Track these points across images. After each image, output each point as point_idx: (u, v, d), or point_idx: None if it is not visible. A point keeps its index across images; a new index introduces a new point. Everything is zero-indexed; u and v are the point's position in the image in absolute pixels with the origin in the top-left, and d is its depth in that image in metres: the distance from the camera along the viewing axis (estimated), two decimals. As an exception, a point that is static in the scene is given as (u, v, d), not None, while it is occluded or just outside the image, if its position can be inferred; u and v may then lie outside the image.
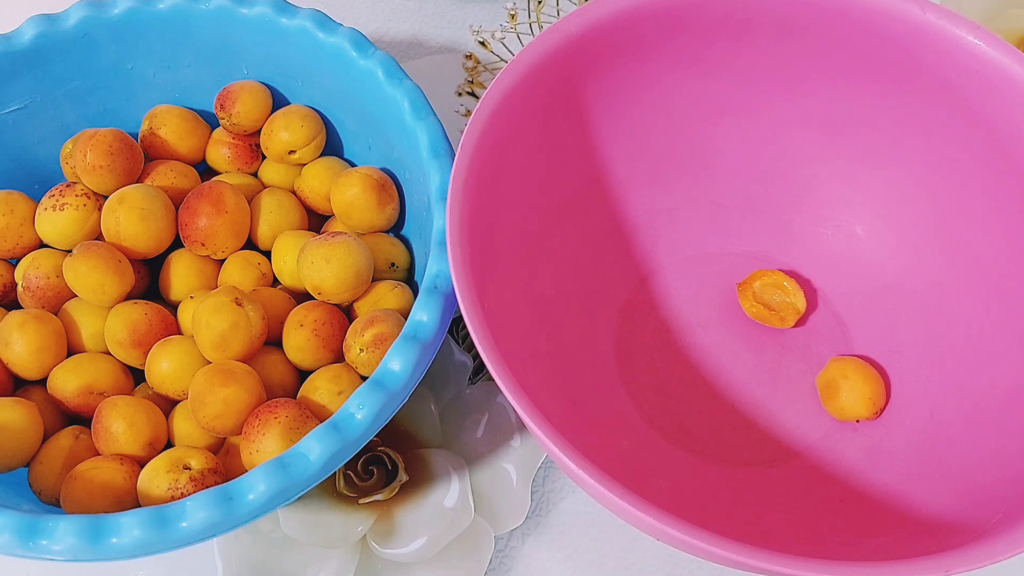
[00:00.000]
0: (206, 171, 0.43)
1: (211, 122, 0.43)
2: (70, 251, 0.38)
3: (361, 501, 0.39)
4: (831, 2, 0.35)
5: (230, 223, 0.38)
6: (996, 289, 0.37)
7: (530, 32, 0.53)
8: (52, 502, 0.34)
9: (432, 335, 0.32)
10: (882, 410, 0.39)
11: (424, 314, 0.33)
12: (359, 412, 0.31)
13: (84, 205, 0.38)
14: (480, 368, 0.43)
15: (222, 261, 0.39)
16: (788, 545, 0.28)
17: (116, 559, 0.29)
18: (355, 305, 0.38)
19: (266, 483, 0.29)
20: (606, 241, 0.42)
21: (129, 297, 0.38)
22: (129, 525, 0.29)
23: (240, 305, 0.35)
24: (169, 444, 0.36)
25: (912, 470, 0.37)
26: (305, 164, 0.42)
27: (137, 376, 0.37)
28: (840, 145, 0.41)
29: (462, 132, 0.33)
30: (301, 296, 0.39)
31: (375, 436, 0.36)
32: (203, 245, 0.38)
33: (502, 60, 0.51)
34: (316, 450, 0.30)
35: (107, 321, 0.37)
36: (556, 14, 0.53)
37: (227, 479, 0.33)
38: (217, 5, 0.39)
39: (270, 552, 0.39)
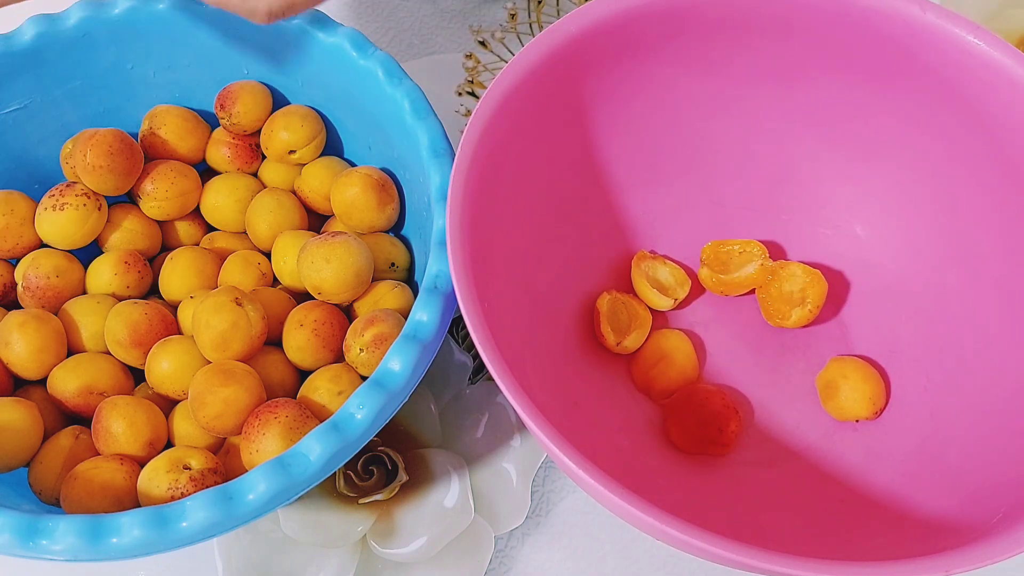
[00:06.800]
0: (206, 171, 0.43)
1: (211, 122, 0.43)
2: (70, 251, 0.38)
3: (361, 501, 0.39)
4: (831, 2, 0.35)
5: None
6: (996, 289, 0.37)
7: (530, 32, 0.53)
8: (52, 502, 0.34)
9: (432, 335, 0.32)
10: (882, 410, 0.39)
11: (424, 314, 0.33)
12: (359, 412, 0.31)
13: (84, 205, 0.38)
14: (480, 368, 0.43)
15: (222, 261, 0.39)
16: (788, 545, 0.28)
17: (116, 559, 0.29)
18: (355, 305, 0.38)
19: (266, 483, 0.29)
20: (606, 240, 0.42)
21: (129, 297, 0.38)
22: (129, 525, 0.29)
23: (240, 305, 0.35)
24: (169, 444, 0.36)
25: (912, 470, 0.37)
26: (305, 164, 0.42)
27: (137, 376, 0.37)
28: (840, 145, 0.41)
29: (462, 132, 0.33)
30: (301, 296, 0.39)
31: (375, 436, 0.36)
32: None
33: (502, 60, 0.51)
34: (316, 450, 0.30)
35: (107, 321, 0.37)
36: (556, 14, 0.53)
37: (227, 479, 0.33)
38: (217, 5, 0.39)
39: (270, 552, 0.39)
